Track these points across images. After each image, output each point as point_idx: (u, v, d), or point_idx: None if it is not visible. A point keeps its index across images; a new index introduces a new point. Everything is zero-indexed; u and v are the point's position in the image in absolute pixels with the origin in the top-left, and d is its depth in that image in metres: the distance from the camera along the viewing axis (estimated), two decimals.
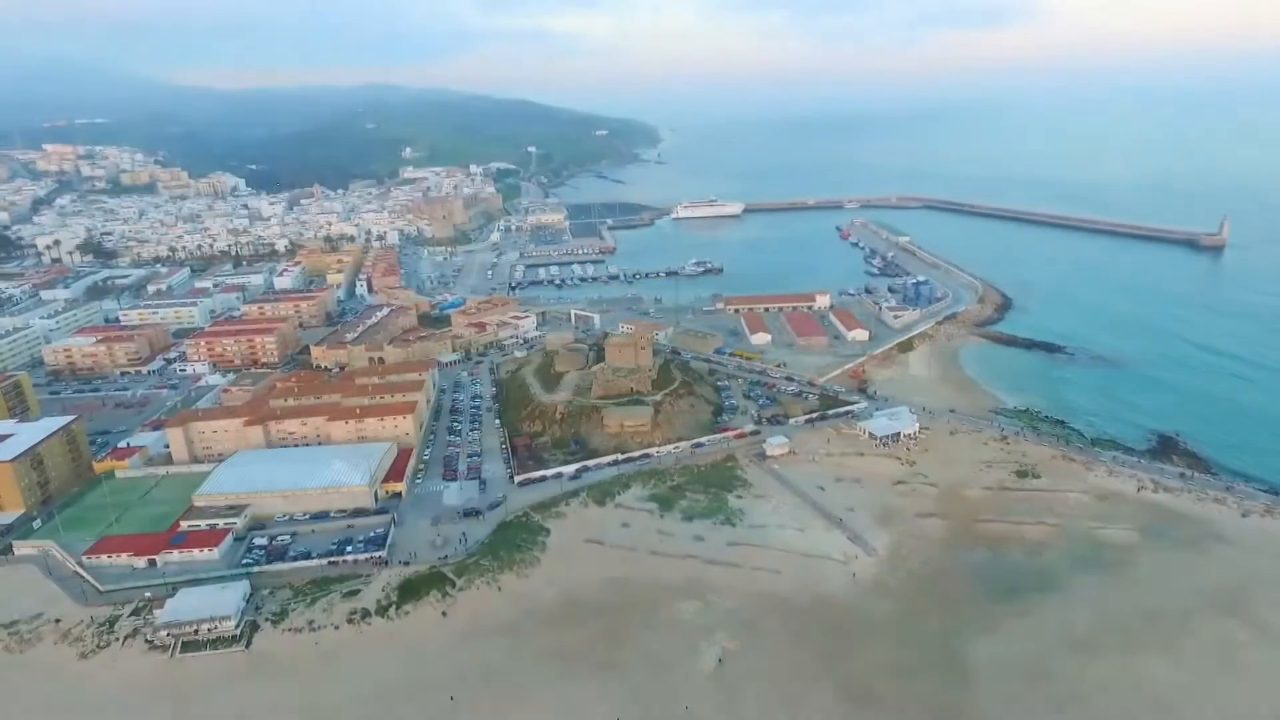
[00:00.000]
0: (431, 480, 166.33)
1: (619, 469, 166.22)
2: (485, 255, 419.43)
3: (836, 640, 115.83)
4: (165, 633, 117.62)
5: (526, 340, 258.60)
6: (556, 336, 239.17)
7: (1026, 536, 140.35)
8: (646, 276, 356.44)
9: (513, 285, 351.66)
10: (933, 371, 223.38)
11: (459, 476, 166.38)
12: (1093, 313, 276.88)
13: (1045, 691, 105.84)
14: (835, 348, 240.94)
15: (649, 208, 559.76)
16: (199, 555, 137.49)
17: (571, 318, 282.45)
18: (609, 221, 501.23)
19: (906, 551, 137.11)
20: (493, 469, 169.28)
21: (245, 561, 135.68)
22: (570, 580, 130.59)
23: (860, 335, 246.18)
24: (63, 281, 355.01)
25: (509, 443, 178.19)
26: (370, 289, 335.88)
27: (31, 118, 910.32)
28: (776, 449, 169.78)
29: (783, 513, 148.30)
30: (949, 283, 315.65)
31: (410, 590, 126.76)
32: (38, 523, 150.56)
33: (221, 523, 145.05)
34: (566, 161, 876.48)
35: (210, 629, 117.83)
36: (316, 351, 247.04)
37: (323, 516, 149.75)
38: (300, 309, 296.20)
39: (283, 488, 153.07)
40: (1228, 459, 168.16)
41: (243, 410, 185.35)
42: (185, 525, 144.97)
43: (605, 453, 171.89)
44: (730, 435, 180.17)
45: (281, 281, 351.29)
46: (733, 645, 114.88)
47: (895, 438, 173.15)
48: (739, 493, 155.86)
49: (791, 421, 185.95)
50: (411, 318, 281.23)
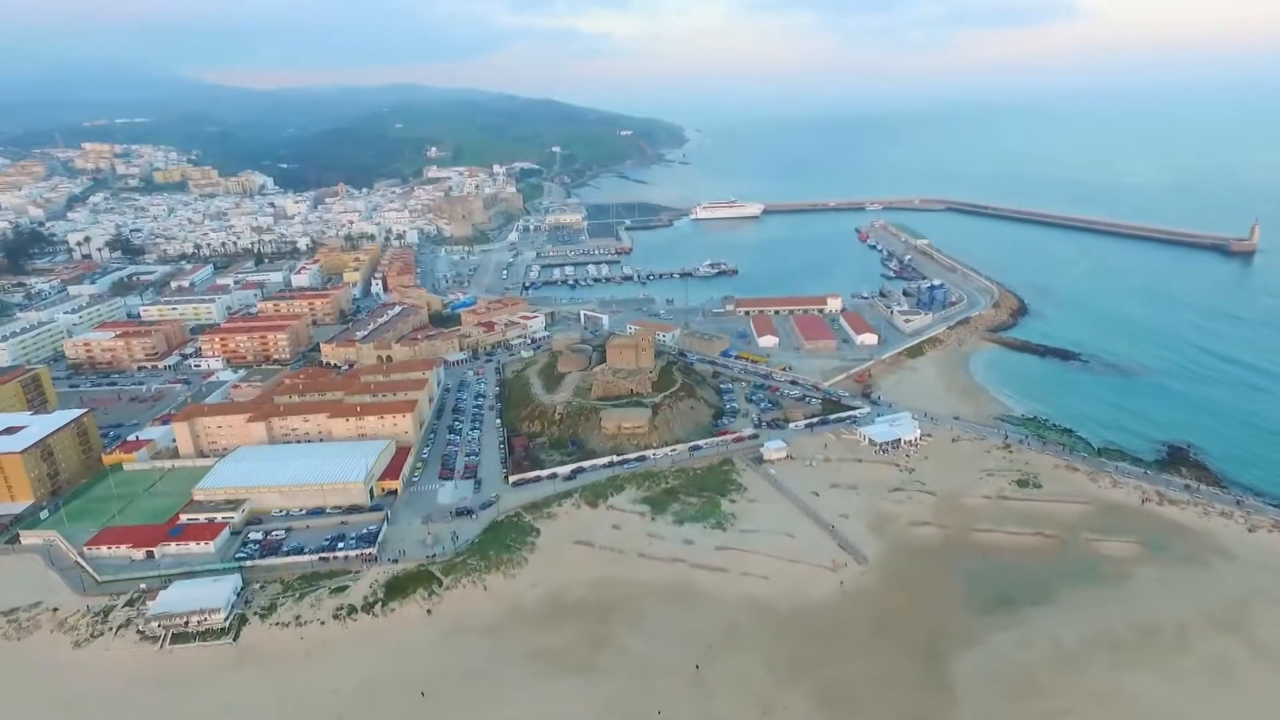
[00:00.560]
0: (429, 479, 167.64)
1: (614, 470, 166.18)
2: (501, 254, 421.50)
3: (818, 648, 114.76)
4: (156, 624, 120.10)
5: (534, 340, 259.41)
6: (562, 337, 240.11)
7: (1023, 547, 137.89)
8: (660, 277, 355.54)
9: (527, 285, 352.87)
10: (940, 377, 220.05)
11: (455, 475, 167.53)
12: (1111, 319, 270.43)
13: (1030, 706, 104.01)
14: (843, 352, 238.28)
15: (668, 208, 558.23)
16: (195, 548, 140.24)
17: (581, 318, 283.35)
18: (627, 222, 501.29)
19: (898, 560, 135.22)
20: (490, 468, 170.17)
21: (239, 555, 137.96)
22: (556, 581, 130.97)
23: (869, 339, 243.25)
24: (90, 277, 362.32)
25: (507, 442, 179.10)
26: (385, 287, 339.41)
27: (75, 117, 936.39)
28: (774, 453, 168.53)
29: (775, 518, 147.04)
30: (965, 286, 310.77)
31: (397, 588, 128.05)
32: (45, 513, 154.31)
33: (219, 517, 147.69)
34: (590, 162, 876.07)
35: (200, 621, 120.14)
36: (326, 349, 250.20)
37: (319, 512, 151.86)
38: (315, 307, 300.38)
39: (281, 483, 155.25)
40: (1239, 472, 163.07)
41: (247, 406, 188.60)
42: (185, 518, 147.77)
43: (602, 454, 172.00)
44: (728, 439, 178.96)
45: (299, 279, 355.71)
46: (713, 650, 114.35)
47: (895, 444, 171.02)
48: (732, 497, 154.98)
49: (791, 426, 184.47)
50: (422, 316, 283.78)
